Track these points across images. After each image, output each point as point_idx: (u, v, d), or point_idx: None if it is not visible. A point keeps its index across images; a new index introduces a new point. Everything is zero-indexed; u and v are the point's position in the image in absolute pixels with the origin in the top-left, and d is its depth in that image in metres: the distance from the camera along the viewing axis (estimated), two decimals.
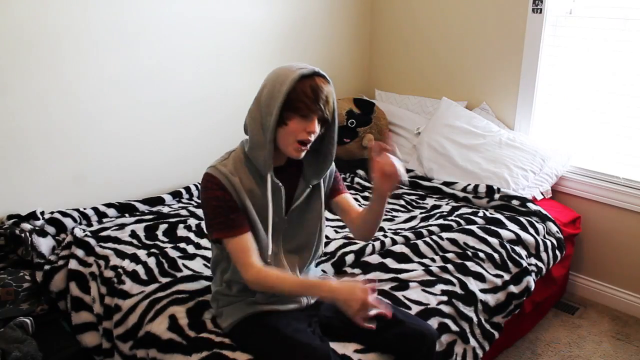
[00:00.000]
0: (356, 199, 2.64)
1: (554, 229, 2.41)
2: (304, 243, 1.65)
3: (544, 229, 2.39)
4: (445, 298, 1.86)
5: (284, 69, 1.45)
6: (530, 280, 2.12)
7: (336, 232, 2.31)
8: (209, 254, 2.08)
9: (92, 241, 2.11)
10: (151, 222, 2.29)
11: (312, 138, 1.47)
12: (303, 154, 1.49)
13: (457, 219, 2.32)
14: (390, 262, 2.02)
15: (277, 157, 1.53)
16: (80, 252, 2.05)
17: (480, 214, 2.39)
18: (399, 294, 1.84)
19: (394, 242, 2.14)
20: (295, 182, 1.60)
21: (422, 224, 2.34)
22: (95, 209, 2.35)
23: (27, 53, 2.14)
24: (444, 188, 2.66)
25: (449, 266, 2.02)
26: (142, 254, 2.04)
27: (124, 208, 2.42)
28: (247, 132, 1.52)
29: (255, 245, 1.52)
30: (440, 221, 2.31)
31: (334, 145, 1.56)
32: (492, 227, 2.26)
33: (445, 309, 1.83)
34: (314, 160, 1.59)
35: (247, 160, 1.52)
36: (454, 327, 1.81)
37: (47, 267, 2.02)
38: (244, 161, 1.52)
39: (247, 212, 1.52)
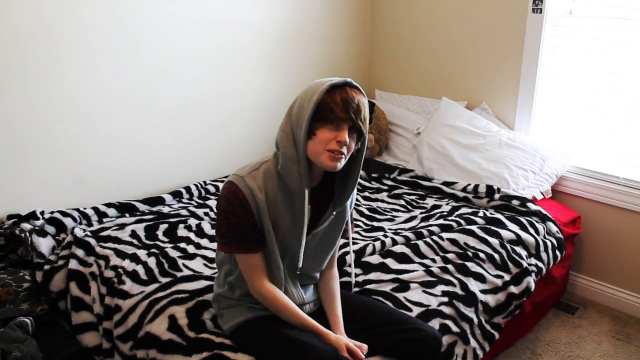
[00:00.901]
0: (356, 199, 2.65)
1: (554, 229, 2.41)
2: (311, 269, 1.61)
3: (544, 229, 2.39)
4: (445, 299, 1.86)
5: (315, 83, 1.40)
6: (531, 281, 2.12)
7: None
8: (209, 254, 2.08)
9: (92, 241, 2.10)
10: (151, 222, 2.28)
11: (345, 150, 1.39)
12: (340, 163, 1.39)
13: (457, 219, 2.32)
14: (390, 263, 2.02)
15: (310, 174, 1.44)
16: (80, 252, 2.05)
17: (481, 214, 2.39)
18: (399, 295, 1.83)
19: (395, 243, 2.14)
20: (323, 208, 1.53)
21: (423, 224, 2.34)
22: (95, 209, 2.35)
23: (28, 54, 2.13)
24: (444, 188, 2.66)
25: (450, 267, 2.02)
26: (142, 254, 2.04)
27: (124, 208, 2.42)
28: (279, 149, 1.44)
29: (265, 265, 1.51)
30: (441, 221, 2.31)
31: (360, 167, 1.49)
32: (492, 227, 2.26)
33: (446, 310, 1.83)
34: (342, 184, 1.52)
35: (279, 177, 1.46)
36: (454, 328, 1.81)
37: (47, 267, 2.02)
38: (275, 177, 1.46)
39: (263, 230, 1.47)
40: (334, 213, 1.53)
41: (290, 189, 1.45)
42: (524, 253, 2.21)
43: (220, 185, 2.73)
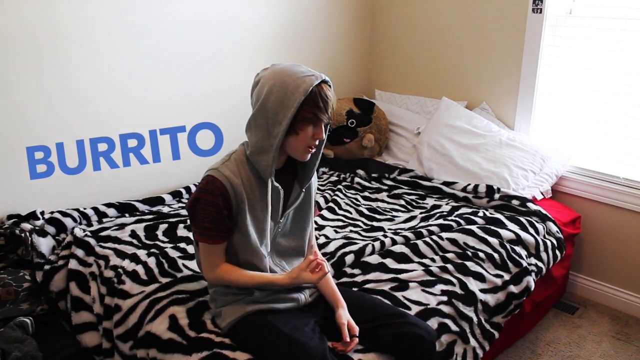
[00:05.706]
0: (356, 199, 2.65)
1: (554, 228, 2.41)
2: (294, 247, 1.67)
3: (544, 228, 2.39)
4: (445, 298, 1.86)
5: (289, 75, 1.44)
6: (530, 280, 2.12)
7: (336, 232, 2.31)
8: None
9: (92, 241, 2.11)
10: (151, 222, 2.29)
11: (317, 142, 1.53)
12: (309, 156, 1.54)
13: (457, 219, 2.32)
14: (390, 262, 2.02)
15: (277, 160, 1.54)
16: (80, 252, 2.05)
17: (480, 213, 2.39)
18: (398, 294, 1.84)
19: (394, 242, 2.14)
20: (291, 186, 1.62)
21: (422, 224, 2.34)
22: (95, 209, 2.35)
23: (29, 53, 2.13)
24: (444, 188, 2.66)
25: (449, 266, 2.02)
26: (142, 253, 2.04)
27: (124, 208, 2.42)
28: (250, 136, 1.52)
29: (224, 249, 1.57)
30: (440, 221, 2.31)
31: (322, 147, 1.61)
32: (492, 227, 2.26)
33: (445, 309, 1.83)
34: (304, 162, 1.61)
35: (249, 162, 1.53)
36: (454, 327, 1.81)
37: (47, 267, 2.02)
38: (246, 163, 1.53)
39: (240, 214, 1.53)
40: (303, 190, 1.62)
41: (261, 173, 1.52)
42: (523, 253, 2.21)
43: None
